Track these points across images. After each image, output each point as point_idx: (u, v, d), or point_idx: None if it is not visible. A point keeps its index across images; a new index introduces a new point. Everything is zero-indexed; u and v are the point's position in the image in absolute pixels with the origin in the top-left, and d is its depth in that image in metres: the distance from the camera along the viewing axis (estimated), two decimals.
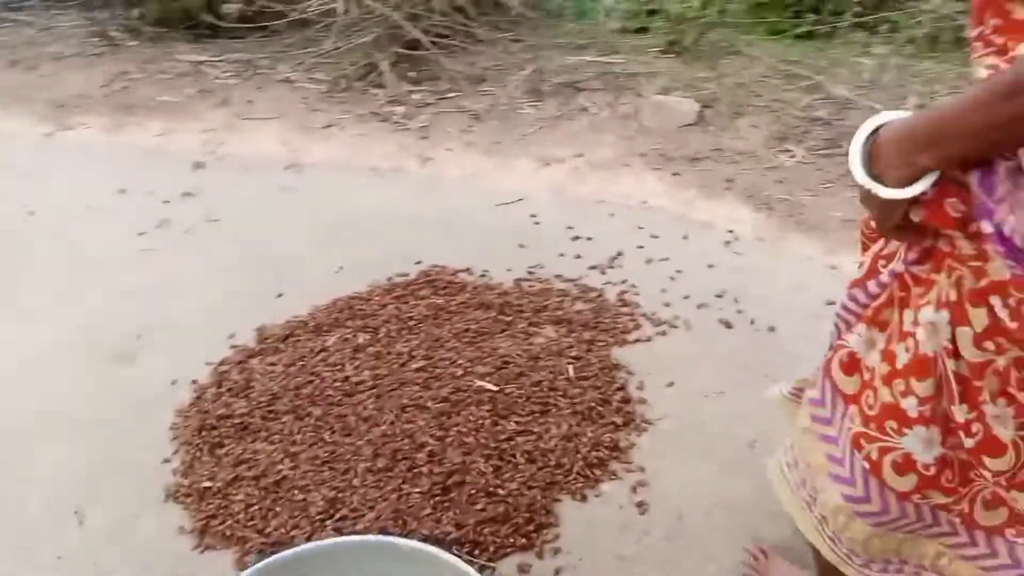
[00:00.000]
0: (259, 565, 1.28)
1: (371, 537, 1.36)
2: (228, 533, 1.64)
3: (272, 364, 2.05)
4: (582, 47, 3.77)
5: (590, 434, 1.83)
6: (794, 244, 2.56)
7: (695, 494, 1.75)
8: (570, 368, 2.00)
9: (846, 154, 0.94)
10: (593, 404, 1.91)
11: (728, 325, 2.20)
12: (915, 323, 0.95)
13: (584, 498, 1.73)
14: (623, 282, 2.34)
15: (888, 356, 0.99)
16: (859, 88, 3.30)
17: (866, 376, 1.03)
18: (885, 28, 3.63)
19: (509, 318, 2.18)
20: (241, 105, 3.46)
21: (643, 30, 4.01)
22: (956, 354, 0.92)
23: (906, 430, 0.97)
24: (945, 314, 0.91)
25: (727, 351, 2.12)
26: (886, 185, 0.89)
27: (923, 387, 0.94)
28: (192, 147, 3.17)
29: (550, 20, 4.09)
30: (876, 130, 0.91)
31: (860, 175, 0.91)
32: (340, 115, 3.36)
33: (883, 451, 1.00)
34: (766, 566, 1.57)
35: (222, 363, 2.06)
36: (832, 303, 2.25)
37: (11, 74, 3.84)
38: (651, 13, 4.09)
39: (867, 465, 1.02)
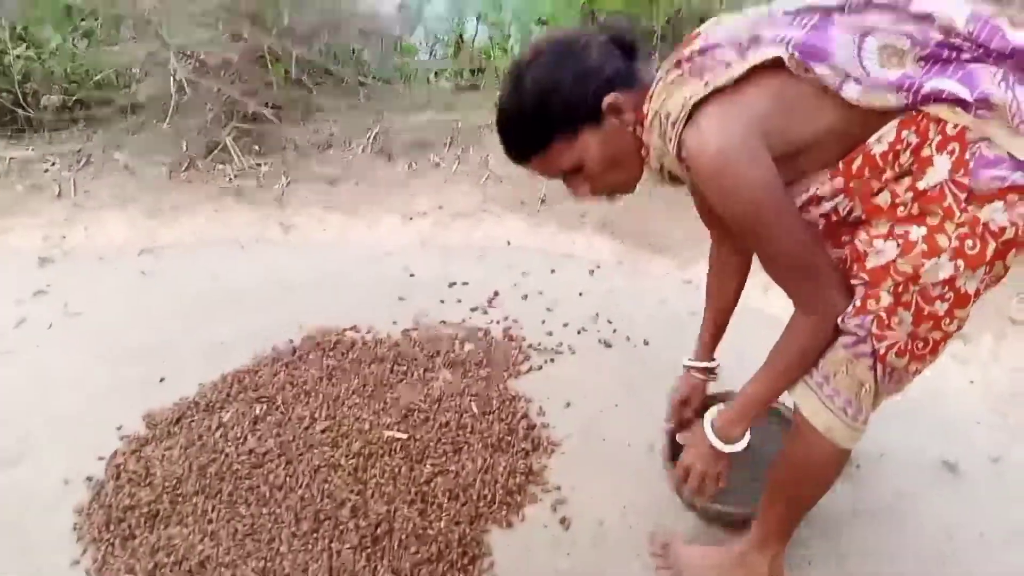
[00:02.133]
0: None
1: None
2: None
3: (169, 448, 1.99)
4: (421, 108, 3.92)
5: (504, 463, 1.92)
6: (650, 265, 2.79)
7: (609, 502, 1.87)
8: (473, 405, 2.08)
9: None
10: (501, 435, 2.00)
11: (607, 344, 2.36)
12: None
13: (510, 524, 1.80)
14: (505, 319, 2.46)
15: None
16: None
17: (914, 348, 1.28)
18: None
19: (404, 367, 2.24)
20: (80, 196, 3.33)
21: (474, 87, 4.23)
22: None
23: None
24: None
25: (611, 368, 2.27)
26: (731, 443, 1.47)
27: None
28: (33, 243, 3.02)
29: (384, 86, 4.21)
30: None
31: (720, 445, 1.47)
32: (188, 195, 3.31)
33: None
34: (674, 555, 1.69)
35: (115, 455, 1.98)
36: (694, 312, 2.47)
37: None
38: (476, 72, 4.32)
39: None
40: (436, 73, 4.45)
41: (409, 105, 3.90)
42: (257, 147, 3.56)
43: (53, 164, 3.57)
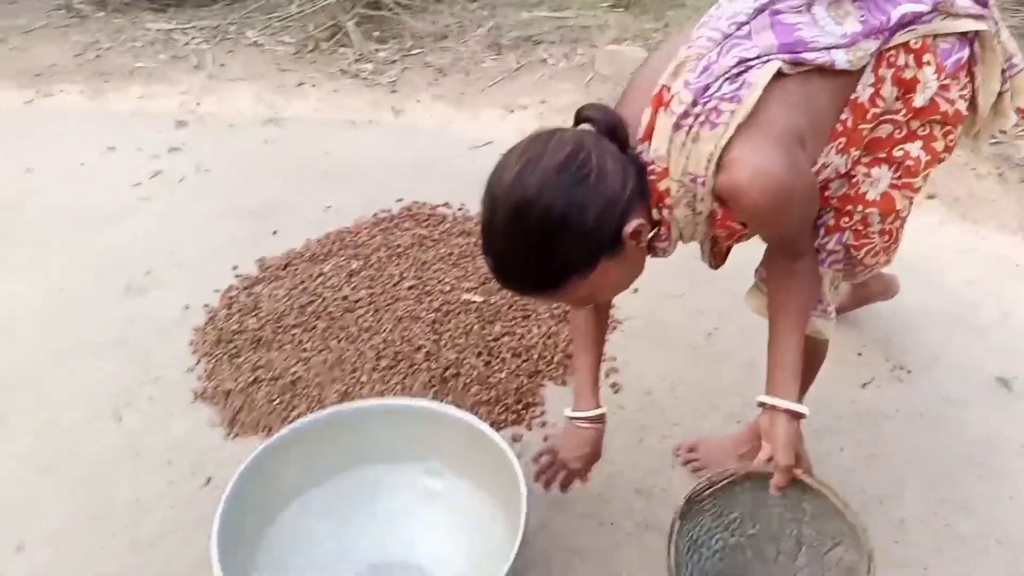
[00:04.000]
0: (293, 425, 1.50)
1: (386, 400, 1.58)
2: (255, 423, 1.85)
3: (275, 288, 2.25)
4: (535, 4, 3.99)
5: (566, 332, 2.08)
6: None
7: (662, 376, 2.01)
8: None
9: None
10: (568, 310, 2.15)
11: None
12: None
13: (564, 383, 1.97)
14: None
15: None
16: None
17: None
18: None
19: None
20: (214, 68, 3.61)
21: None
22: None
23: None
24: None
25: (682, 259, 2.35)
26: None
27: None
28: (172, 108, 3.32)
29: None
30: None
31: (804, 408, 1.30)
32: (311, 74, 3.53)
33: None
34: (707, 453, 1.78)
35: (229, 290, 2.26)
36: None
37: None
38: None
39: None
40: None
41: (523, 1, 3.97)
42: (377, 34, 3.74)
43: (193, 38, 3.86)
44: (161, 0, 4.16)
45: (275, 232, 2.52)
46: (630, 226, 1.10)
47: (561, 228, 1.06)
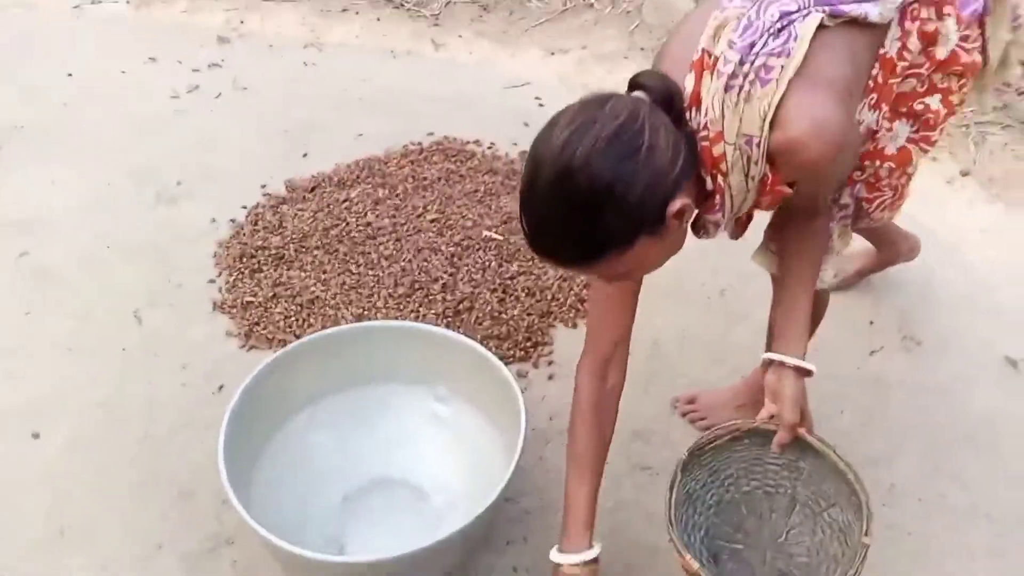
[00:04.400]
0: (307, 338, 1.55)
1: (401, 322, 1.63)
2: (270, 336, 1.91)
3: (301, 209, 2.29)
4: None
5: (582, 277, 2.10)
6: None
7: (671, 328, 2.03)
8: None
9: None
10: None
11: None
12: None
13: (575, 325, 2.00)
14: None
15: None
16: None
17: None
18: None
19: (513, 183, 2.42)
20: None
21: None
22: None
23: None
24: None
25: None
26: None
27: None
28: (215, 24, 3.33)
29: None
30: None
31: (810, 365, 1.29)
32: (356, 0, 3.52)
33: None
34: (705, 405, 1.81)
35: (256, 207, 2.31)
36: None
37: None
38: None
39: None
40: None
41: None
42: None
43: None
44: None
45: (305, 155, 2.55)
46: (675, 205, 1.05)
47: (605, 200, 1.01)
